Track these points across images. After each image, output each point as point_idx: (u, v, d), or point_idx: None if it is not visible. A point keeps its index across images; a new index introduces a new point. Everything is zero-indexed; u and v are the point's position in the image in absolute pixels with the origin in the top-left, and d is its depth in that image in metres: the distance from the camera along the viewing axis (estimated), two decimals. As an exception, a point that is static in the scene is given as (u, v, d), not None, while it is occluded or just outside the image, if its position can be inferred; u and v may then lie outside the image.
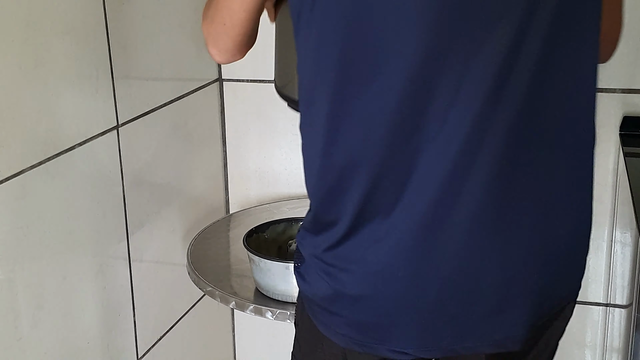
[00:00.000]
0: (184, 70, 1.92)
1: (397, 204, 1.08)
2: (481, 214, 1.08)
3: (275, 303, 1.60)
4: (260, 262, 1.60)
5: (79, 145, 1.54)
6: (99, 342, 1.66)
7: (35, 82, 1.41)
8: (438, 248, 1.09)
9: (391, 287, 1.11)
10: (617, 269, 1.92)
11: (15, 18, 1.35)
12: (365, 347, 1.16)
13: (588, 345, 2.01)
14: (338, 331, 1.17)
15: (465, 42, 1.03)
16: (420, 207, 1.07)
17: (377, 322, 1.14)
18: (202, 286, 1.72)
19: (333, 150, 1.10)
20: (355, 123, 1.08)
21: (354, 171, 1.09)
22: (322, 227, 1.14)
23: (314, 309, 1.20)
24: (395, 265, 1.10)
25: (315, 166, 1.14)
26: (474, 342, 1.14)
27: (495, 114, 1.05)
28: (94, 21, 1.55)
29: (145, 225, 1.80)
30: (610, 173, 1.86)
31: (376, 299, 1.12)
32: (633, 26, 1.76)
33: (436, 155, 1.06)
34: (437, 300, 1.11)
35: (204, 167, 2.09)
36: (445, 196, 1.07)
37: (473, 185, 1.06)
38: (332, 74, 1.07)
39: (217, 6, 1.21)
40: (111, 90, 1.63)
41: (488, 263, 1.10)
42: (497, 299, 1.12)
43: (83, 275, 1.59)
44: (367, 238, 1.11)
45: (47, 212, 1.46)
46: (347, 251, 1.12)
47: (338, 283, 1.14)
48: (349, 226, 1.11)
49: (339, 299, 1.14)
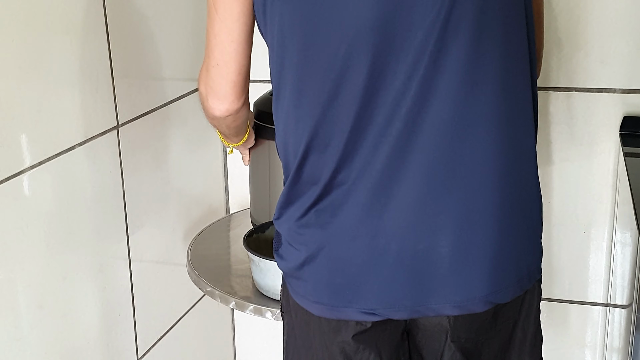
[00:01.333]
0: (184, 70, 1.92)
1: (358, 171, 1.19)
2: (432, 174, 1.17)
3: (275, 303, 1.60)
4: (260, 262, 1.60)
5: (79, 145, 1.54)
6: (99, 342, 1.66)
7: (36, 82, 1.41)
8: (393, 208, 1.19)
9: (353, 248, 1.22)
10: (617, 269, 1.92)
11: (15, 18, 1.35)
12: (337, 311, 1.24)
13: (588, 345, 2.01)
14: (310, 299, 1.27)
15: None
16: (375, 170, 1.18)
17: (344, 283, 1.23)
18: (202, 286, 1.72)
19: (299, 125, 1.22)
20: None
21: (325, 146, 1.21)
22: (295, 197, 1.26)
23: (291, 283, 1.30)
24: (355, 226, 1.21)
25: (289, 141, 1.25)
26: (437, 302, 1.22)
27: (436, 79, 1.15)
28: (94, 21, 1.55)
29: (145, 225, 1.80)
30: (611, 173, 1.86)
31: (342, 260, 1.23)
32: (633, 26, 1.76)
33: (386, 119, 1.17)
34: (397, 259, 1.20)
35: (204, 167, 2.09)
36: (397, 155, 1.17)
37: (423, 145, 1.16)
38: (295, 58, 1.20)
39: (208, 50, 1.31)
40: (111, 90, 1.63)
41: (442, 222, 1.19)
42: (455, 259, 1.20)
43: (83, 275, 1.59)
44: (331, 203, 1.22)
45: (47, 212, 1.46)
46: (315, 216, 1.23)
47: (308, 248, 1.25)
48: (318, 194, 1.22)
49: (308, 264, 1.25)
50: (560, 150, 1.88)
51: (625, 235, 1.88)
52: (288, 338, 1.37)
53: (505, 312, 1.28)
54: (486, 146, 1.18)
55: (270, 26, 1.22)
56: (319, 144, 1.21)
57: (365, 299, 1.23)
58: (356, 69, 1.15)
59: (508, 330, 1.31)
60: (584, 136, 1.86)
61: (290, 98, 1.23)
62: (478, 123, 1.17)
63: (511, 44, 1.19)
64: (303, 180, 1.25)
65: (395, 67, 1.15)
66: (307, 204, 1.24)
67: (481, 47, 1.15)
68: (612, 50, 1.78)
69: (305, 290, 1.27)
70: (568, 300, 1.98)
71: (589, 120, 1.84)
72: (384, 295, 1.22)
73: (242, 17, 1.26)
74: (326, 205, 1.22)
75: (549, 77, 1.84)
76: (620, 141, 1.80)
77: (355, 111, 1.17)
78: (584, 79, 1.82)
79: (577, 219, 1.92)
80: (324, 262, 1.24)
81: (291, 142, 1.25)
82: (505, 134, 1.19)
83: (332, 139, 1.20)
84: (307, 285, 1.27)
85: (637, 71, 1.80)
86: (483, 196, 1.19)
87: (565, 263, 1.96)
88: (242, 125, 1.49)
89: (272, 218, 1.32)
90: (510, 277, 1.24)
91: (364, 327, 1.26)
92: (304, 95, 1.21)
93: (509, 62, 1.19)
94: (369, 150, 1.18)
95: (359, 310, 1.23)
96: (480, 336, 1.29)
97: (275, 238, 1.34)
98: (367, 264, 1.21)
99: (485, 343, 1.30)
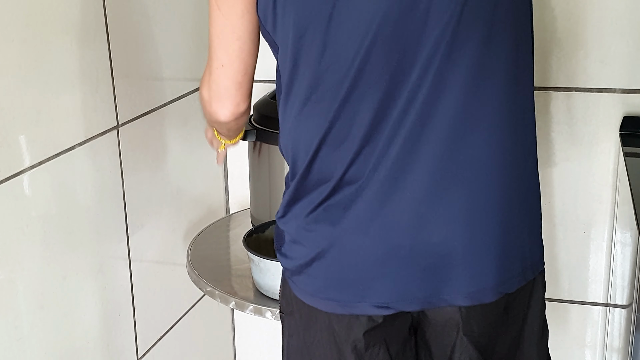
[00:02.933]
0: (184, 70, 1.92)
1: (372, 166, 1.19)
2: (442, 167, 1.18)
3: (275, 303, 1.60)
4: (260, 262, 1.60)
5: (79, 145, 1.54)
6: (99, 342, 1.66)
7: (35, 82, 1.41)
8: (404, 201, 1.19)
9: (367, 242, 1.21)
10: (617, 269, 1.92)
11: (15, 18, 1.35)
12: (349, 306, 1.24)
13: (588, 345, 2.01)
14: (320, 296, 1.25)
15: None
16: (387, 164, 1.18)
17: (357, 278, 1.23)
18: (202, 286, 1.72)
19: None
20: None
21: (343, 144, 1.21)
22: (303, 193, 1.25)
23: (297, 281, 1.28)
24: (367, 220, 1.20)
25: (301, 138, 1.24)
26: (449, 293, 1.22)
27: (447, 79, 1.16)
28: (94, 21, 1.55)
29: (145, 225, 1.80)
30: (611, 173, 1.86)
31: (354, 255, 1.22)
32: (633, 26, 1.76)
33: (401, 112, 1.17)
34: (411, 253, 1.20)
35: (204, 167, 2.09)
36: (408, 149, 1.17)
37: (433, 137, 1.17)
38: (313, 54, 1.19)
39: (211, 52, 1.28)
40: (111, 90, 1.63)
41: (453, 214, 1.20)
42: (468, 251, 1.21)
43: (83, 275, 1.59)
44: (343, 199, 1.21)
45: (48, 211, 1.46)
46: (325, 212, 1.22)
47: (318, 244, 1.23)
48: (330, 190, 1.21)
49: (318, 260, 1.24)
50: (560, 150, 1.88)
51: (625, 235, 1.88)
52: (289, 339, 1.36)
53: (515, 306, 1.29)
54: (493, 140, 1.19)
55: (282, 24, 1.21)
56: (334, 139, 1.20)
57: (378, 293, 1.22)
58: (376, 63, 1.15)
59: (518, 324, 1.32)
60: (584, 136, 1.86)
61: (305, 95, 1.22)
62: (486, 117, 1.18)
63: (520, 39, 1.21)
64: (312, 177, 1.24)
65: (413, 60, 1.15)
66: (317, 200, 1.23)
67: (493, 42, 1.16)
68: (612, 50, 1.78)
69: (314, 288, 1.26)
70: (568, 300, 1.98)
71: (589, 120, 1.84)
72: (397, 288, 1.22)
73: (246, 14, 1.24)
74: (337, 200, 1.22)
75: (549, 77, 1.84)
76: (620, 141, 1.80)
77: (376, 105, 1.17)
78: (584, 79, 1.82)
79: (577, 219, 1.91)
80: (335, 258, 1.23)
81: (302, 139, 1.23)
82: (511, 128, 1.21)
83: (349, 134, 1.19)
84: (317, 281, 1.25)
85: (637, 71, 1.80)
86: (489, 188, 1.20)
87: (565, 263, 1.96)
88: (242, 127, 1.48)
89: (276, 216, 1.31)
90: (516, 268, 1.25)
91: (374, 323, 1.25)
92: (321, 91, 1.20)
93: (518, 57, 1.20)
94: (383, 144, 1.18)
95: (372, 304, 1.23)
96: (494, 330, 1.29)
97: (276, 237, 1.33)
98: (381, 258, 1.21)
99: (499, 338, 1.30)
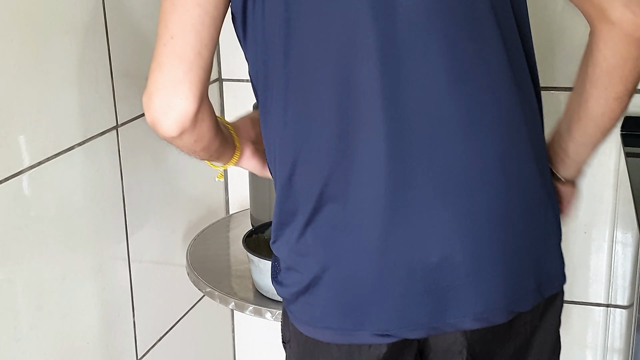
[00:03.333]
0: (184, 70, 1.92)
1: (352, 187, 1.10)
2: (436, 179, 1.09)
3: (274, 304, 1.60)
4: (260, 262, 1.60)
5: (79, 145, 1.53)
6: (98, 342, 1.65)
7: (35, 82, 1.40)
8: (398, 217, 1.10)
9: (361, 264, 1.12)
10: (618, 270, 1.92)
11: (15, 17, 1.34)
12: (348, 335, 1.14)
13: (589, 346, 2.01)
14: (318, 325, 1.16)
15: None
16: (374, 188, 1.09)
17: (355, 304, 1.13)
18: (201, 287, 1.72)
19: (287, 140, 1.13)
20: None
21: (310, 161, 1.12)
22: (288, 216, 1.16)
23: (293, 310, 1.19)
24: (360, 240, 1.11)
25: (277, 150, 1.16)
26: (455, 316, 1.12)
27: None
28: (93, 21, 1.55)
29: (145, 226, 1.80)
30: (611, 173, 1.86)
31: (349, 278, 1.12)
32: (634, 26, 1.75)
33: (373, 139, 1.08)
34: (409, 274, 1.11)
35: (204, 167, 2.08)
36: (397, 160, 1.08)
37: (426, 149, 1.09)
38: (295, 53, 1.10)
39: (161, 22, 1.08)
40: (111, 90, 1.62)
41: (451, 229, 1.10)
42: (471, 267, 1.11)
43: (83, 276, 1.59)
44: (329, 221, 1.12)
45: (47, 212, 1.46)
46: (314, 234, 1.13)
47: (311, 269, 1.14)
48: (312, 209, 1.12)
49: (313, 286, 1.14)
50: (560, 151, 1.88)
51: (626, 235, 1.88)
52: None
53: (523, 317, 1.19)
54: (489, 147, 1.11)
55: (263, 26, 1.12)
56: (310, 148, 1.11)
57: (378, 320, 1.13)
58: (363, 59, 1.07)
59: (526, 334, 1.22)
60: (585, 136, 1.85)
61: (279, 98, 1.13)
62: (483, 124, 1.11)
63: (511, 40, 1.13)
64: (293, 194, 1.14)
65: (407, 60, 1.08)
66: (302, 221, 1.13)
67: (478, 43, 1.09)
68: (613, 50, 1.78)
69: (312, 317, 1.16)
70: (569, 300, 1.98)
71: (590, 120, 1.84)
72: (397, 313, 1.12)
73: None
74: (323, 219, 1.12)
75: (549, 77, 1.83)
76: (621, 141, 1.80)
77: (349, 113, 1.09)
78: (584, 79, 1.82)
79: (578, 219, 1.91)
80: (330, 283, 1.13)
81: (279, 151, 1.15)
82: (509, 134, 1.13)
83: (323, 147, 1.11)
84: (314, 309, 1.16)
85: (637, 71, 1.79)
86: (488, 199, 1.11)
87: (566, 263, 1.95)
88: (212, 142, 1.20)
89: (270, 242, 1.22)
90: (529, 284, 1.16)
91: (378, 352, 1.15)
92: (303, 93, 1.11)
93: (512, 60, 1.13)
94: (365, 157, 1.09)
95: (372, 332, 1.13)
96: (495, 344, 1.20)
97: (272, 265, 1.25)
98: (378, 281, 1.11)
99: (498, 349, 1.21)
